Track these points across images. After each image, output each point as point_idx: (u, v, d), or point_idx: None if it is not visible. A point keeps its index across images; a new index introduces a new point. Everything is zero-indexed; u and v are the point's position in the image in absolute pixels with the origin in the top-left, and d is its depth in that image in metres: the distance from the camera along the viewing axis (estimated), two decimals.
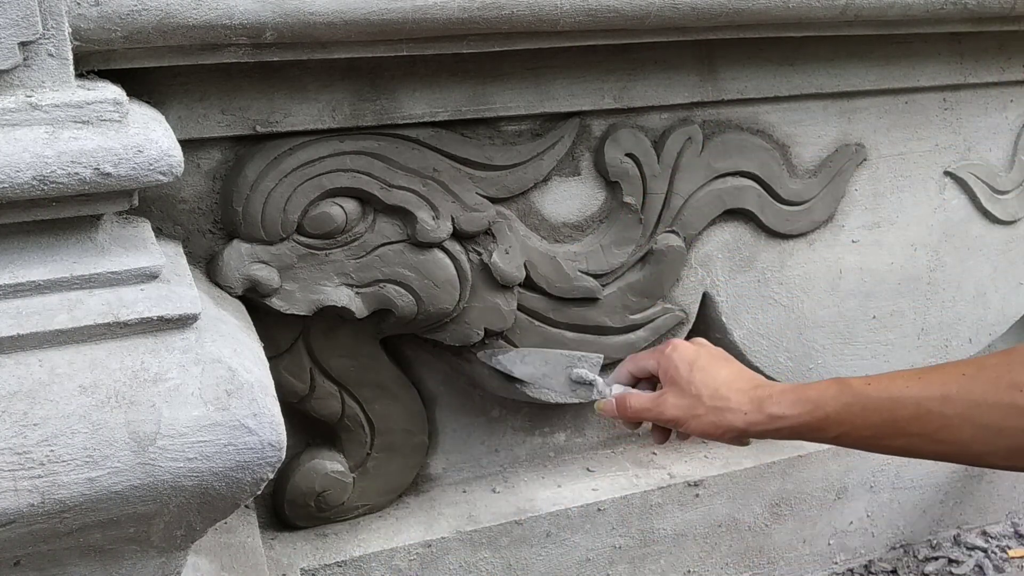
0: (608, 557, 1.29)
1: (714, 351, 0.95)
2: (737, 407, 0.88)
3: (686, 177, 1.15)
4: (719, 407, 0.89)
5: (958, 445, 0.77)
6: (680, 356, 0.93)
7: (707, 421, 0.90)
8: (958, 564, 1.50)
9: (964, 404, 0.75)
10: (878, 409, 0.80)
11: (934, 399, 0.77)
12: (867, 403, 0.81)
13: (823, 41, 1.14)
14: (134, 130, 0.68)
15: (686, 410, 0.91)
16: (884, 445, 0.82)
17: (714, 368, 0.92)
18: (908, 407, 0.78)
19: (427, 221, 1.01)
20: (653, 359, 0.97)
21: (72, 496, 0.65)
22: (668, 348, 0.95)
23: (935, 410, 0.77)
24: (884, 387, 0.81)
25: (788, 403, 0.86)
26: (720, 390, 0.90)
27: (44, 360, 0.67)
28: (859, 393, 0.82)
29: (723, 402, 0.89)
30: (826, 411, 0.83)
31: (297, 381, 1.08)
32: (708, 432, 0.90)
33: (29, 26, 0.65)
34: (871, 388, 0.81)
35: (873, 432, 0.81)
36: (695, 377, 0.91)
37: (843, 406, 0.82)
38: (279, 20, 0.81)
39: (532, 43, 0.95)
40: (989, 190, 1.37)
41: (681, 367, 0.92)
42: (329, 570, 1.14)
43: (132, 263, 0.71)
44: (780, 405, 0.86)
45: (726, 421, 0.89)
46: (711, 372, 0.91)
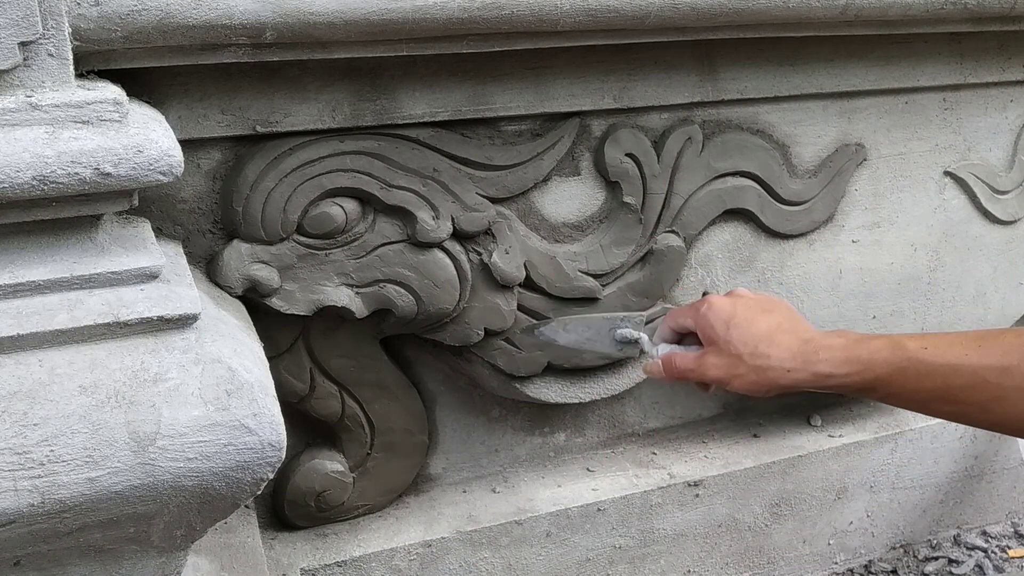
0: (608, 557, 1.29)
1: (751, 302, 0.91)
2: (779, 364, 0.84)
3: (686, 177, 1.15)
4: (760, 365, 0.85)
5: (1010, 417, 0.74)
6: (715, 314, 0.89)
7: (749, 380, 0.86)
8: (958, 564, 1.50)
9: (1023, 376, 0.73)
10: (932, 375, 0.77)
11: (993, 369, 0.74)
12: (921, 368, 0.78)
13: (823, 41, 1.14)
14: (134, 130, 0.68)
15: (727, 369, 0.87)
16: (933, 409, 0.80)
17: (753, 323, 0.87)
18: (965, 375, 0.75)
19: (427, 221, 1.01)
20: (690, 317, 0.93)
21: (72, 496, 0.65)
22: (704, 306, 0.91)
23: (992, 381, 0.74)
24: (941, 352, 0.77)
25: (837, 361, 0.82)
26: (759, 347, 0.86)
27: (44, 360, 0.67)
28: (914, 357, 0.79)
29: (764, 360, 0.85)
30: (876, 373, 0.80)
31: (297, 381, 1.08)
32: (752, 390, 0.87)
33: (29, 26, 0.65)
34: (927, 352, 0.78)
35: (925, 397, 0.79)
36: (732, 335, 0.87)
37: (896, 369, 0.79)
38: (279, 20, 0.81)
39: (532, 43, 0.95)
40: (989, 190, 1.37)
41: (717, 326, 0.88)
42: (329, 570, 1.14)
43: (132, 263, 0.71)
44: (828, 363, 0.82)
45: (768, 379, 0.85)
46: (749, 328, 0.87)
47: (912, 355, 0.79)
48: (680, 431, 1.40)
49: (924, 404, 0.80)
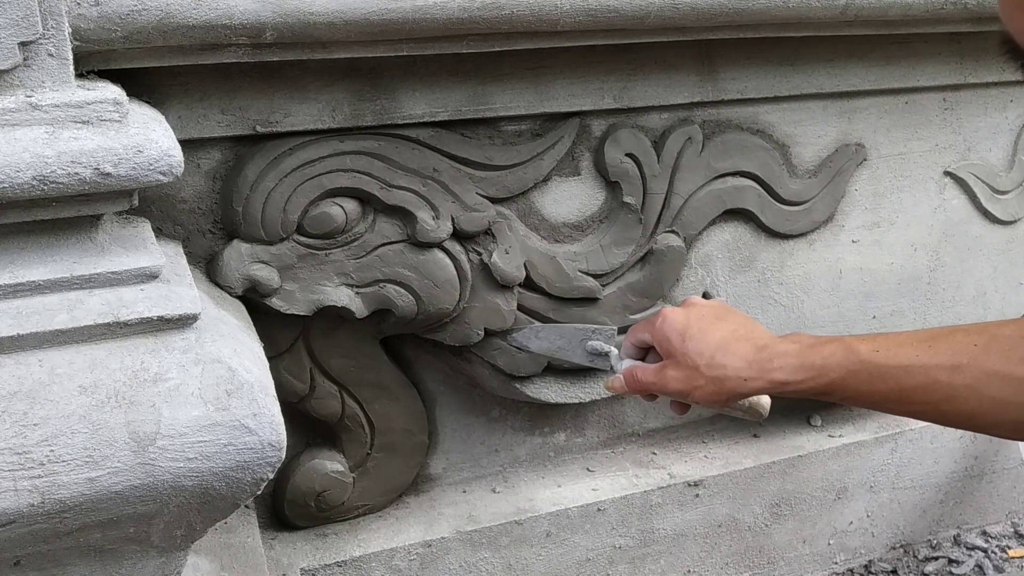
0: (608, 557, 1.29)
1: (705, 311, 0.91)
2: (735, 374, 0.84)
3: (686, 177, 1.15)
4: (717, 376, 0.85)
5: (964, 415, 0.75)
6: (670, 327, 0.89)
7: (708, 391, 0.86)
8: (958, 564, 1.50)
9: (974, 375, 0.73)
10: (884, 377, 0.78)
11: (943, 368, 0.75)
12: (874, 371, 0.79)
13: (823, 41, 1.14)
14: (134, 130, 0.68)
15: (686, 382, 0.87)
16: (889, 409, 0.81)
17: (707, 333, 0.87)
18: (916, 376, 0.76)
19: (427, 221, 1.01)
20: (647, 332, 0.93)
21: (72, 496, 0.65)
22: (658, 320, 0.91)
23: (943, 380, 0.75)
24: (892, 354, 0.78)
25: (791, 368, 0.82)
26: (715, 357, 0.85)
27: (44, 360, 0.67)
28: (866, 360, 0.79)
29: (720, 370, 0.85)
30: (830, 377, 0.81)
31: (297, 381, 1.08)
32: (712, 401, 0.87)
33: (29, 26, 0.65)
34: (879, 355, 0.79)
35: (879, 398, 0.79)
36: (688, 347, 0.87)
37: (849, 373, 0.80)
38: (279, 20, 0.81)
39: (532, 43, 0.95)
40: (989, 190, 1.37)
41: (673, 338, 0.88)
42: (329, 570, 1.14)
43: (132, 263, 0.71)
44: (783, 371, 0.83)
45: (727, 389, 0.85)
46: (704, 339, 0.87)
47: (864, 358, 0.79)
48: (680, 431, 1.40)
49: (879, 404, 0.81)
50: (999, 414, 0.73)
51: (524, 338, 1.08)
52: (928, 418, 0.79)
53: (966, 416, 0.75)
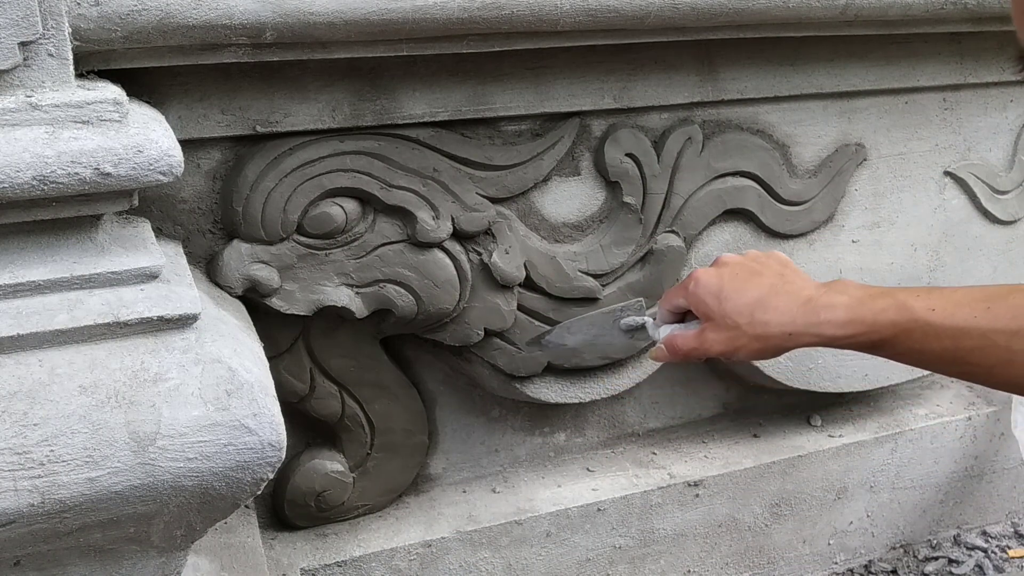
0: (608, 557, 1.29)
1: (738, 268, 0.88)
2: (779, 329, 0.83)
3: (686, 177, 1.15)
4: (760, 334, 0.83)
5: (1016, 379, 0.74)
6: (704, 289, 0.87)
7: (753, 349, 0.85)
8: (958, 564, 1.50)
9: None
10: (939, 337, 0.76)
11: (1002, 332, 0.73)
12: (928, 330, 0.77)
13: (823, 41, 1.14)
14: (134, 130, 0.68)
15: (729, 343, 0.85)
16: (940, 369, 0.79)
17: (743, 292, 0.85)
18: (973, 338, 0.74)
19: (427, 221, 1.01)
20: (682, 297, 0.91)
21: (72, 496, 0.65)
22: (691, 284, 0.89)
23: (1002, 344, 0.73)
24: (949, 313, 0.76)
25: (840, 323, 0.80)
26: (756, 315, 0.83)
27: (44, 360, 0.67)
28: (921, 319, 0.77)
29: (763, 328, 0.83)
30: (882, 334, 0.79)
31: (297, 381, 1.08)
32: (760, 357, 0.86)
33: (29, 26, 0.65)
34: (935, 315, 0.77)
35: (932, 358, 0.78)
36: (726, 308, 0.85)
37: (902, 331, 0.78)
38: (279, 20, 0.81)
39: (532, 43, 0.95)
40: (989, 190, 1.37)
41: (709, 301, 0.86)
42: (329, 570, 1.14)
43: (132, 263, 0.71)
44: (831, 325, 0.81)
45: (772, 345, 0.84)
46: (741, 297, 0.85)
47: (919, 316, 0.77)
48: (680, 431, 1.40)
49: (930, 363, 0.79)
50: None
51: (558, 337, 1.06)
52: (979, 380, 0.77)
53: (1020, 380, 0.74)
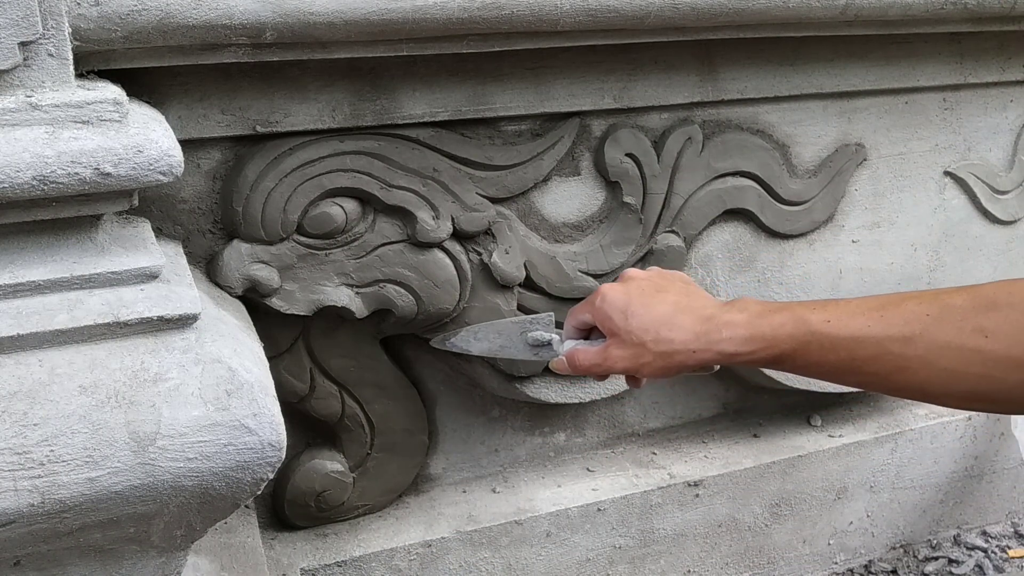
0: (608, 557, 1.29)
1: (644, 284, 0.88)
2: (683, 347, 0.82)
3: (686, 177, 1.15)
4: (665, 351, 0.83)
5: (914, 386, 0.74)
6: (611, 305, 0.87)
7: (657, 366, 0.84)
8: (958, 564, 1.50)
9: (926, 346, 0.72)
10: (836, 348, 0.77)
11: (896, 340, 0.74)
12: (825, 342, 0.77)
13: (823, 41, 1.14)
14: (134, 130, 0.68)
15: (633, 360, 0.85)
16: (837, 379, 0.80)
17: (650, 307, 0.85)
18: (868, 347, 0.75)
19: (427, 221, 1.01)
20: (588, 312, 0.90)
21: (72, 496, 0.65)
22: (597, 299, 0.88)
23: (895, 351, 0.74)
24: (844, 324, 0.77)
25: (740, 340, 0.81)
26: (661, 332, 0.83)
27: (44, 360, 0.67)
28: (817, 332, 0.78)
29: (667, 345, 0.83)
30: (781, 348, 0.79)
31: (297, 381, 1.08)
32: (662, 375, 0.85)
33: (29, 26, 0.65)
34: (831, 326, 0.77)
35: (829, 369, 0.78)
36: (632, 324, 0.85)
37: (800, 344, 0.78)
38: (279, 20, 0.81)
39: (532, 43, 0.95)
40: (989, 190, 1.37)
41: (615, 316, 0.86)
42: (329, 570, 1.14)
43: (132, 263, 0.71)
44: (732, 342, 0.81)
45: (675, 363, 0.83)
46: (648, 313, 0.85)
47: (815, 329, 0.78)
48: (680, 431, 1.40)
49: (829, 375, 0.80)
50: (950, 385, 0.72)
51: (463, 342, 1.03)
52: (877, 388, 0.78)
53: (916, 387, 0.74)
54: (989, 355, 0.70)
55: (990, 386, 0.71)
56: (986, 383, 0.71)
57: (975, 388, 0.71)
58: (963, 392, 0.72)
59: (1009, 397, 0.71)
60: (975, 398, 0.72)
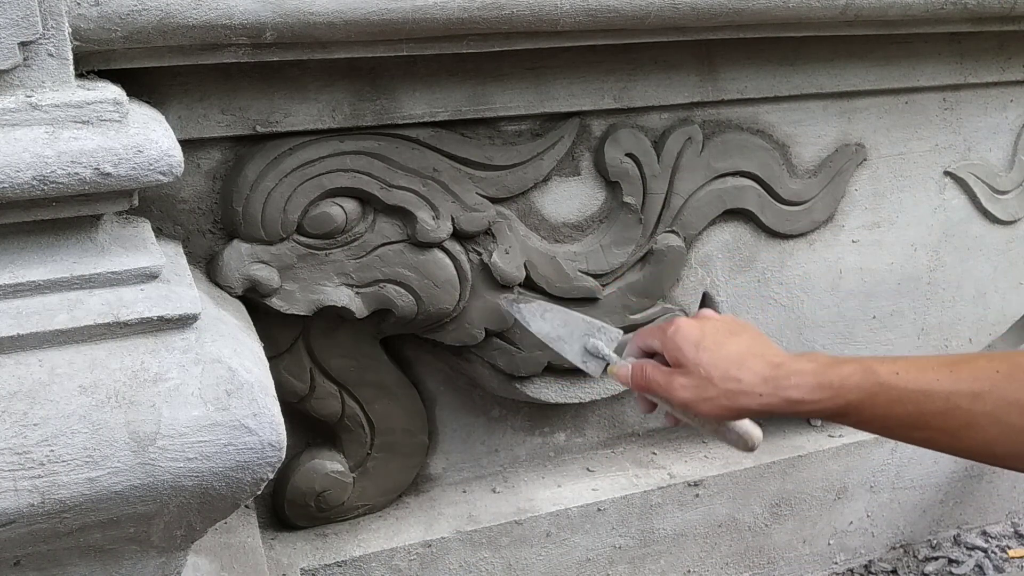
0: (608, 557, 1.29)
1: (720, 325, 0.89)
2: (751, 388, 0.82)
3: (686, 177, 1.15)
4: (731, 390, 0.83)
5: (980, 444, 0.74)
6: (683, 337, 0.87)
7: (720, 405, 0.84)
8: (958, 564, 1.50)
9: (995, 403, 0.72)
10: (904, 401, 0.76)
11: (965, 395, 0.73)
12: (893, 394, 0.77)
13: (823, 41, 1.14)
14: (134, 130, 0.68)
15: (696, 392, 0.84)
16: (903, 436, 0.79)
17: (722, 346, 0.85)
18: (937, 402, 0.75)
19: (427, 221, 1.01)
20: (657, 339, 0.90)
21: (72, 496, 0.65)
22: (671, 329, 0.88)
23: (964, 407, 0.73)
24: (913, 378, 0.76)
25: (808, 387, 0.80)
26: (730, 370, 0.83)
27: (44, 360, 0.67)
28: (886, 383, 0.77)
29: (735, 384, 0.82)
30: (848, 399, 0.79)
31: (297, 381, 1.08)
32: (721, 415, 0.84)
33: (29, 26, 0.65)
34: (899, 378, 0.77)
35: (896, 423, 0.78)
36: (702, 358, 0.84)
37: (867, 395, 0.78)
38: (279, 20, 0.81)
39: (532, 43, 0.95)
40: (989, 190, 1.37)
41: (686, 348, 0.86)
42: (329, 570, 1.14)
43: (132, 263, 0.71)
44: (799, 389, 0.80)
45: (739, 404, 0.83)
46: (719, 351, 0.85)
47: (884, 380, 0.77)
48: (680, 431, 1.40)
49: (894, 430, 0.79)
50: (1018, 444, 0.72)
51: (529, 313, 1.03)
52: (941, 446, 0.77)
53: (983, 445, 0.74)
54: None
55: None
56: None
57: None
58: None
59: None
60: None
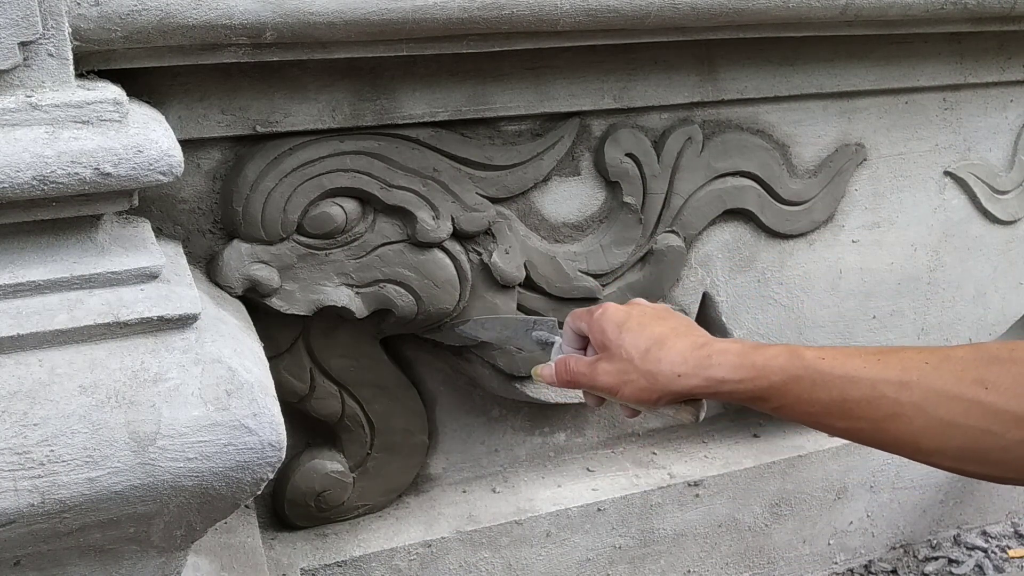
0: (608, 557, 1.29)
1: (648, 309, 0.87)
2: (670, 369, 0.80)
3: (686, 177, 1.15)
4: (651, 371, 0.81)
5: (905, 435, 0.71)
6: (608, 318, 0.85)
7: (639, 386, 0.82)
8: (958, 564, 1.50)
9: (922, 393, 0.69)
10: (828, 386, 0.74)
11: (891, 383, 0.71)
12: (817, 378, 0.74)
13: (823, 41, 1.14)
14: (134, 130, 0.68)
15: (618, 376, 0.83)
16: (826, 424, 0.76)
17: (647, 328, 0.83)
18: (862, 388, 0.72)
19: (427, 221, 1.01)
20: (584, 321, 0.89)
21: (72, 496, 0.65)
22: (598, 312, 0.87)
23: (890, 395, 0.70)
24: (839, 363, 0.74)
25: (730, 366, 0.78)
26: (651, 351, 0.81)
27: (44, 360, 0.67)
28: (810, 366, 0.75)
29: (655, 364, 0.81)
30: (771, 380, 0.76)
31: (297, 381, 1.08)
32: (643, 399, 0.82)
33: (29, 26, 0.65)
34: (825, 363, 0.74)
35: (818, 409, 0.75)
36: (624, 339, 0.83)
37: (791, 378, 0.75)
38: (279, 20, 0.81)
39: (532, 43, 0.95)
40: (989, 190, 1.37)
41: (609, 329, 0.84)
42: (329, 570, 1.14)
43: (132, 263, 0.71)
44: (721, 368, 0.78)
45: (659, 385, 0.81)
46: (642, 332, 0.83)
47: (809, 364, 0.75)
48: (680, 431, 1.40)
49: (817, 417, 0.76)
50: (944, 437, 0.69)
51: (472, 329, 1.05)
52: (866, 437, 0.74)
53: (908, 438, 0.71)
54: (988, 407, 0.66)
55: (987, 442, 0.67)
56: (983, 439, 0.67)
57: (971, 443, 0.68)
58: (958, 447, 0.68)
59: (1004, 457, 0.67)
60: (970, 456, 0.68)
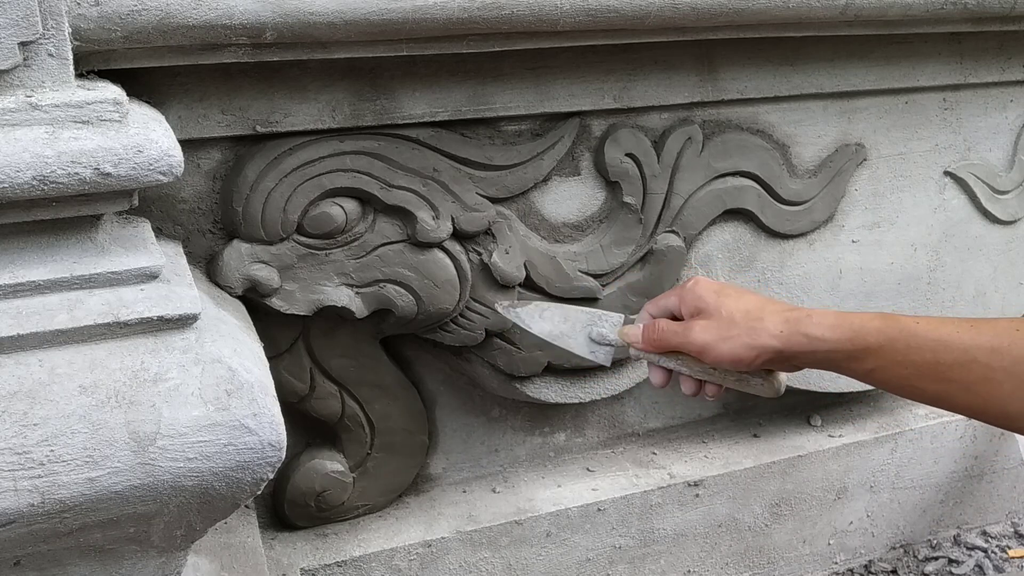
0: (608, 557, 1.29)
1: (735, 286, 0.92)
2: (774, 327, 0.84)
3: (686, 177, 1.15)
4: (754, 327, 0.85)
5: (995, 401, 0.74)
6: (704, 287, 0.89)
7: (741, 343, 0.85)
8: (958, 564, 1.50)
9: (1012, 359, 0.73)
10: (922, 349, 0.77)
11: (983, 349, 0.74)
12: (912, 341, 0.78)
13: (823, 41, 1.14)
14: (134, 130, 0.68)
15: (717, 332, 0.86)
16: (918, 388, 0.80)
17: (745, 295, 0.88)
18: (955, 352, 0.76)
19: (427, 221, 1.01)
20: (675, 296, 0.92)
21: (72, 496, 0.65)
22: (690, 283, 0.91)
23: (981, 360, 0.74)
24: (933, 328, 0.78)
25: (828, 326, 0.82)
26: (753, 311, 0.86)
27: (44, 360, 0.67)
28: (906, 329, 0.79)
29: (758, 322, 0.85)
30: (867, 341, 0.80)
31: (297, 381, 1.08)
32: (742, 356, 0.85)
33: (29, 26, 0.65)
34: (919, 327, 0.78)
35: (911, 371, 0.78)
36: (724, 302, 0.87)
37: (887, 339, 0.79)
38: (279, 20, 0.81)
39: (532, 43, 0.95)
40: (989, 190, 1.37)
41: (707, 296, 0.88)
42: (329, 570, 1.14)
43: (132, 263, 0.71)
44: (819, 327, 0.82)
45: (761, 341, 0.84)
46: (742, 297, 0.88)
47: (904, 327, 0.79)
48: (680, 431, 1.40)
49: (910, 380, 0.80)
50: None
51: (528, 316, 1.01)
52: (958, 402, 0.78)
53: (998, 402, 0.74)
54: None
55: None
56: None
57: None
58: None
59: None
60: None
